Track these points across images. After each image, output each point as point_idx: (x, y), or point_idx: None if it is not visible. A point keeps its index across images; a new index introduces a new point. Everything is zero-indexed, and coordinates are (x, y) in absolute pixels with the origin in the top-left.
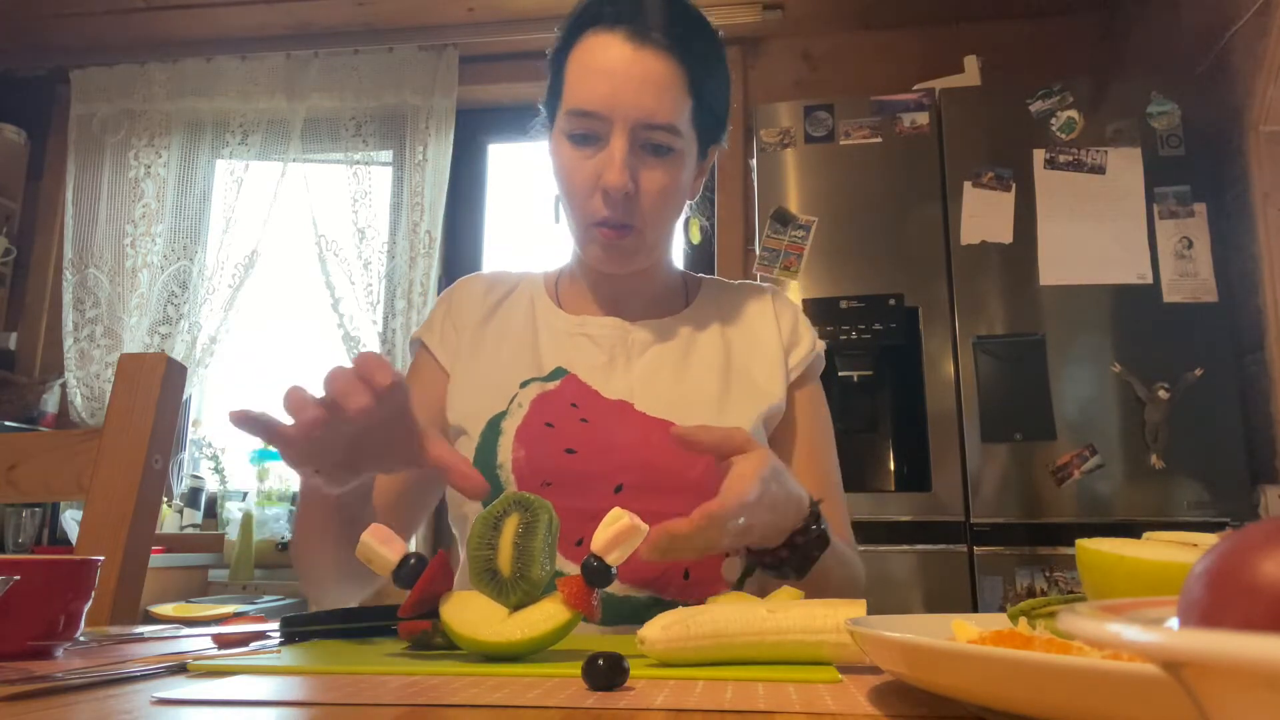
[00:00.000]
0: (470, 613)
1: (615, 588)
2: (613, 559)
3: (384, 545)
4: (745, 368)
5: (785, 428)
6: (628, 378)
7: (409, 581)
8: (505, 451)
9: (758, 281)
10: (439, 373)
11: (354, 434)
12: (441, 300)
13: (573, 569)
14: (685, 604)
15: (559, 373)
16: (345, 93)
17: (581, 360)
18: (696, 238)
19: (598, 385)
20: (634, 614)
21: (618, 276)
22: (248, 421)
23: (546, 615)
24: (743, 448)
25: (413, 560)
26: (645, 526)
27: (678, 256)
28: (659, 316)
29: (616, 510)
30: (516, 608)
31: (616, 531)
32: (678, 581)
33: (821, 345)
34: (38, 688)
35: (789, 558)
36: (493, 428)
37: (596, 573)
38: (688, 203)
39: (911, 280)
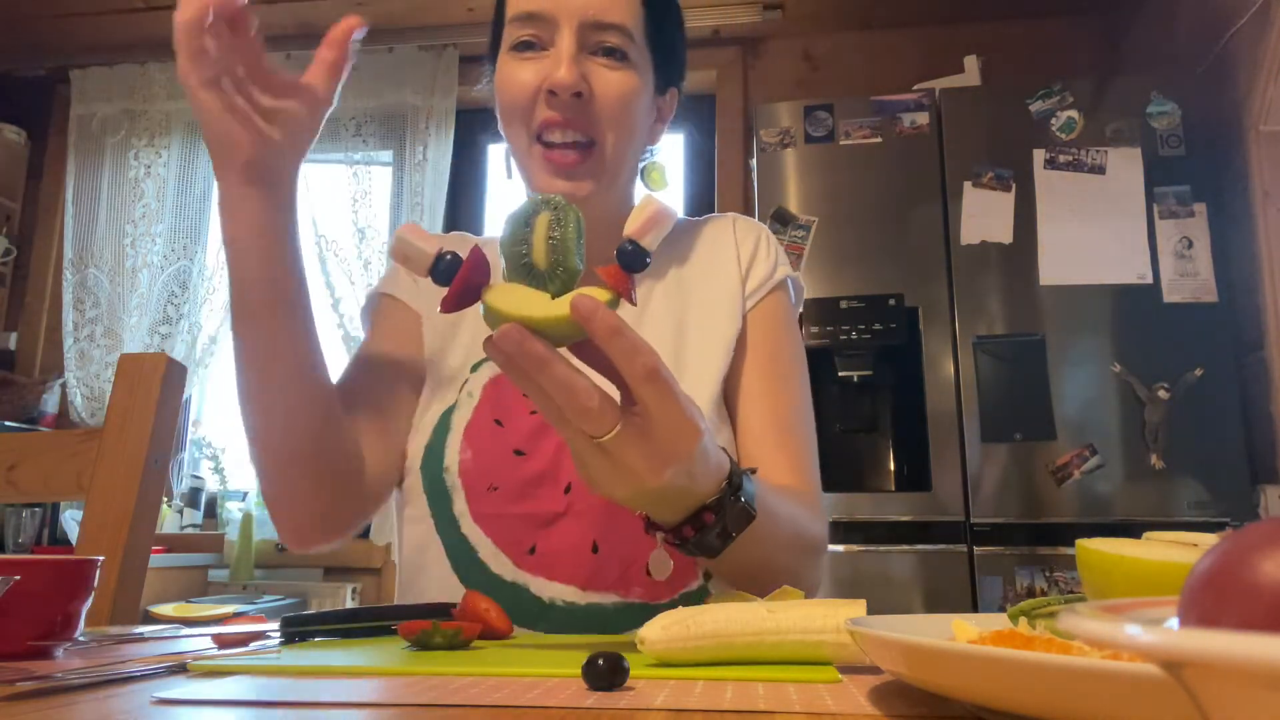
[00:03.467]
0: (516, 296)
1: (577, 595)
2: (648, 241)
3: (421, 240)
4: (704, 319)
5: (736, 355)
6: None
7: (448, 275)
8: (453, 453)
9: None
10: (411, 314)
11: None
12: None
13: (529, 579)
14: (656, 604)
15: None
16: (345, 93)
17: None
18: (660, 183)
19: None
20: (602, 622)
21: None
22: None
23: (593, 295)
24: (640, 386)
25: (449, 255)
26: (676, 211)
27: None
28: None
29: (648, 196)
30: (557, 295)
31: (649, 215)
32: (641, 580)
33: (787, 269)
34: (38, 688)
35: (693, 537)
36: (443, 423)
37: (633, 256)
38: (649, 148)
39: (911, 280)
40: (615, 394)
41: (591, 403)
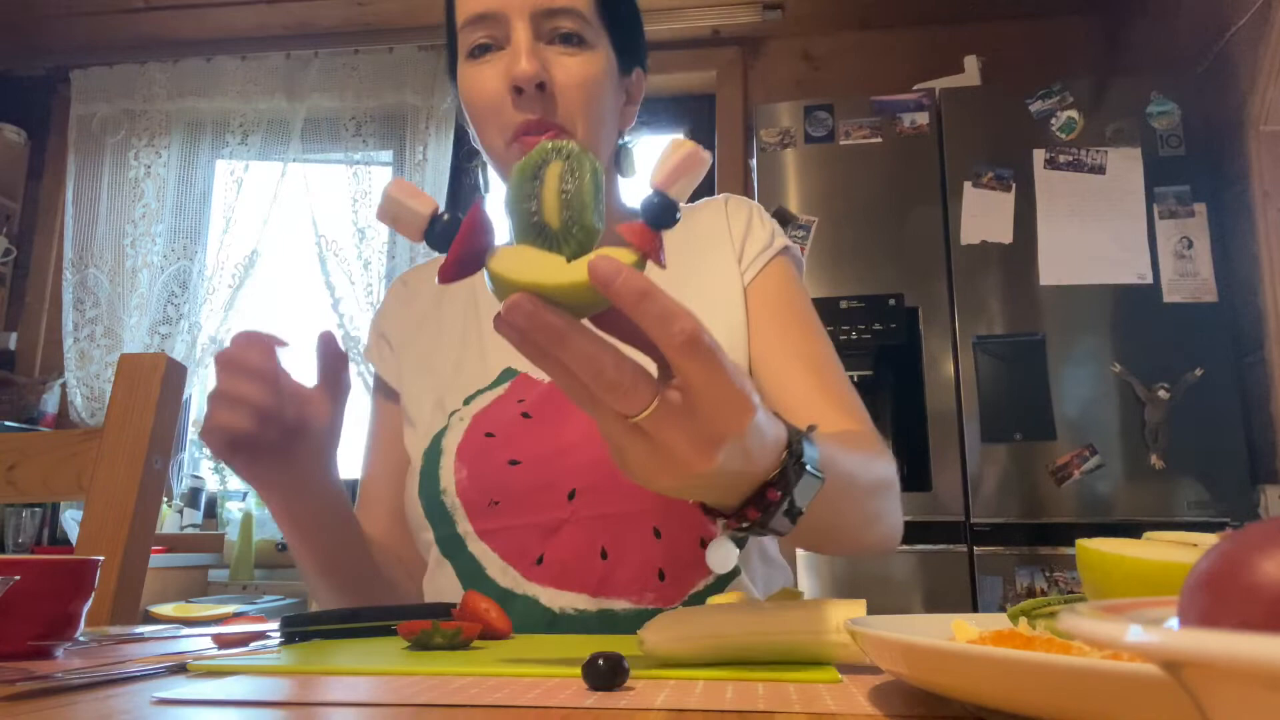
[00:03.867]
0: (526, 260)
1: (587, 603)
2: (677, 191)
3: (412, 199)
4: (707, 306)
5: (748, 328)
6: None
7: (445, 239)
8: (448, 475)
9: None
10: (392, 396)
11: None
12: (375, 316)
13: (539, 590)
14: (669, 609)
15: (508, 374)
16: (345, 93)
17: None
18: (630, 171)
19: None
20: (614, 629)
21: None
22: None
23: (611, 256)
24: (682, 357)
25: (445, 215)
26: (708, 155)
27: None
28: None
29: (677, 139)
30: (572, 258)
31: (680, 160)
32: (652, 585)
33: (785, 241)
34: (38, 688)
35: (759, 519)
36: (434, 447)
37: (660, 209)
38: (620, 132)
39: (911, 280)
40: (650, 367)
41: (621, 376)
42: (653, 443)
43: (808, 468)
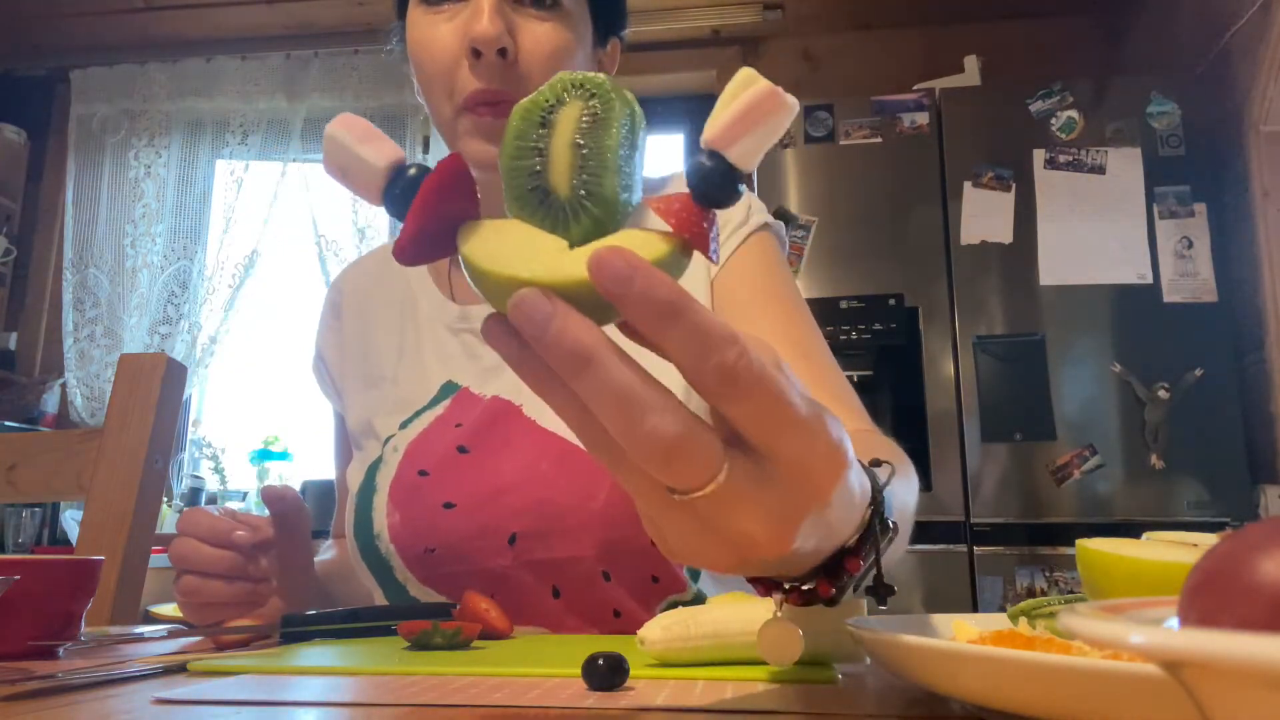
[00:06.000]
0: (508, 243)
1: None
2: (740, 154)
3: (364, 143)
4: None
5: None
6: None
7: (406, 200)
8: (381, 516)
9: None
10: (340, 420)
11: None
12: (316, 331)
13: None
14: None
15: (448, 390)
16: (345, 93)
17: (470, 367)
18: None
19: (489, 391)
20: None
21: None
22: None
23: (636, 245)
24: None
25: (412, 170)
26: (793, 103)
27: None
28: None
29: (748, 71)
30: (580, 242)
31: (748, 105)
32: (609, 621)
33: (764, 217)
34: (38, 687)
35: (834, 597)
36: (369, 482)
37: (713, 178)
38: None
39: (911, 280)
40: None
41: (678, 436)
42: (707, 521)
43: (891, 523)
